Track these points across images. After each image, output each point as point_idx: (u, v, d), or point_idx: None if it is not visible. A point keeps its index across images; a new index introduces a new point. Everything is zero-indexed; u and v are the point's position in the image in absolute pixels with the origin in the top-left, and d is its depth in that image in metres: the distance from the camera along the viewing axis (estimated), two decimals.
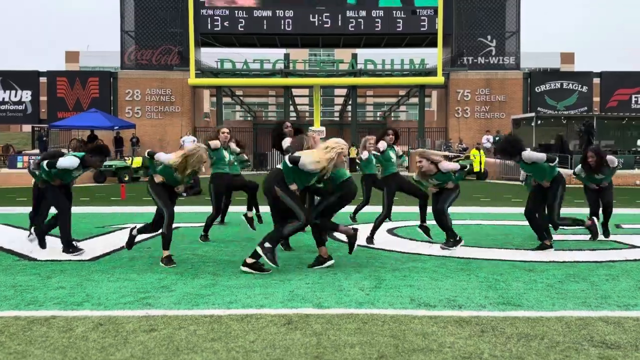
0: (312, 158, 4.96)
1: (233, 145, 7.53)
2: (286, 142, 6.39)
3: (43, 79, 29.84)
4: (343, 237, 7.10)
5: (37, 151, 24.79)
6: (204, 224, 8.44)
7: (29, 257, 5.86)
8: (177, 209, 10.58)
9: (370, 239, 6.79)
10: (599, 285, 4.56)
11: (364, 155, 7.47)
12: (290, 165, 5.00)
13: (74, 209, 10.79)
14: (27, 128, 36.27)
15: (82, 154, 6.03)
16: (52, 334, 3.29)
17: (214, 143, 7.08)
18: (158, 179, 5.60)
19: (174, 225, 8.36)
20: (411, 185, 7.01)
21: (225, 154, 7.18)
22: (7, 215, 10.03)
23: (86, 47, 52.51)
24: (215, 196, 7.17)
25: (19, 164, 21.37)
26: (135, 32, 29.70)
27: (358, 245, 6.57)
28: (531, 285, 4.57)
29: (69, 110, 28.86)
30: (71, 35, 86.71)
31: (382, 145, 7.11)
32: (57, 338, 3.21)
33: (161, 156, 5.53)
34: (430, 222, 6.73)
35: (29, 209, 10.73)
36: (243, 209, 8.33)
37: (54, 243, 6.85)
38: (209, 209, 8.62)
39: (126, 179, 19.52)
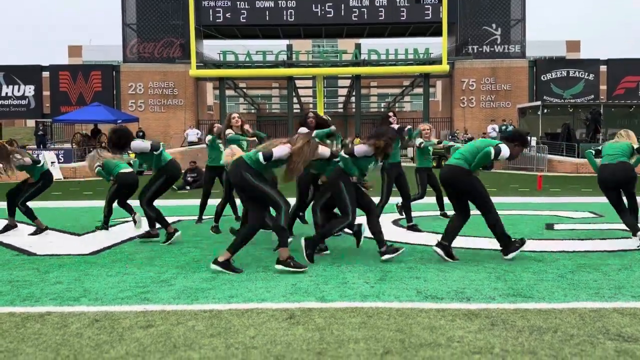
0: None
1: (247, 127, 7.28)
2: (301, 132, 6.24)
3: (46, 74, 29.78)
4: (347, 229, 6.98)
5: (34, 146, 24.71)
6: (205, 217, 8.33)
7: (28, 251, 5.76)
8: (179, 202, 10.50)
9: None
10: (612, 275, 4.41)
11: (419, 142, 7.80)
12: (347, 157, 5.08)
13: (76, 203, 10.72)
14: (31, 123, 36.28)
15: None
16: (46, 330, 3.18)
17: (229, 132, 6.91)
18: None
19: (176, 218, 8.29)
20: (404, 181, 7.01)
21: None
22: None
23: (89, 41, 52.41)
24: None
25: None
26: (137, 25, 29.55)
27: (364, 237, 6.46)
28: (541, 275, 4.42)
29: (72, 104, 28.81)
30: (74, 29, 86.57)
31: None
32: (51, 335, 3.09)
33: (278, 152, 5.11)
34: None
35: (32, 203, 10.64)
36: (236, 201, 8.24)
37: (53, 237, 6.76)
38: (212, 201, 8.50)
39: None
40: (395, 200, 7.54)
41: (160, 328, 3.19)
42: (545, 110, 24.78)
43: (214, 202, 7.80)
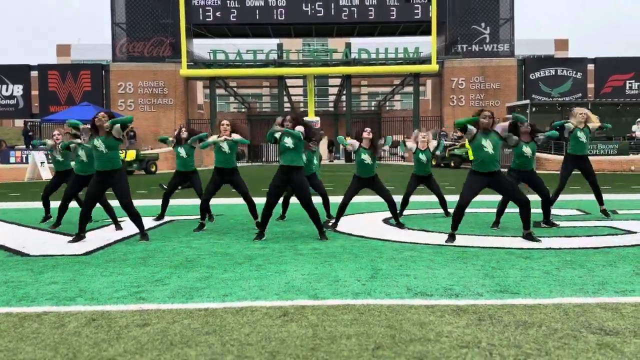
0: None
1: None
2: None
3: (34, 73, 29.62)
4: (338, 227, 7.07)
5: (23, 146, 24.55)
6: (196, 217, 8.40)
7: (21, 252, 5.79)
8: (170, 202, 10.52)
9: (334, 224, 7.15)
10: (596, 272, 4.54)
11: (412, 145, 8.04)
12: None
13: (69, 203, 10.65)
14: (19, 123, 36.02)
15: None
16: (44, 330, 3.23)
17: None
18: None
19: (168, 218, 8.33)
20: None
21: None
22: None
23: (77, 40, 52.07)
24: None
25: (12, 159, 21.22)
26: (127, 24, 29.45)
27: (354, 235, 6.56)
28: (528, 272, 4.54)
29: (61, 104, 28.69)
30: (62, 28, 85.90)
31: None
32: (49, 334, 3.15)
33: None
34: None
35: (22, 204, 10.63)
36: (230, 200, 8.29)
37: (46, 238, 6.78)
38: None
39: None
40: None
41: (157, 326, 3.26)
42: (534, 109, 25.05)
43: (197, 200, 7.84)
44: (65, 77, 29.17)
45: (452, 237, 6.02)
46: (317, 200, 7.13)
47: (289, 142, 6.28)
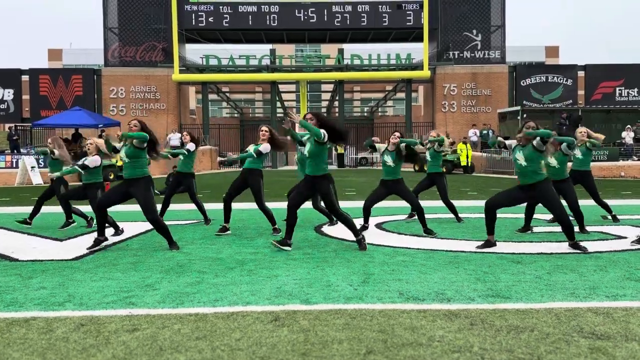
0: None
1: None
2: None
3: (25, 77, 29.45)
4: (330, 232, 7.06)
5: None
6: (189, 221, 8.38)
7: (10, 257, 5.73)
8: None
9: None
10: (587, 276, 4.55)
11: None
12: None
13: (58, 208, 10.61)
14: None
15: None
16: (32, 335, 3.19)
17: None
18: None
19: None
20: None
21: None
22: None
23: (69, 45, 51.89)
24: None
25: (1, 164, 21.05)
26: (119, 28, 29.38)
27: (347, 240, 6.54)
28: (520, 277, 4.54)
29: (52, 108, 28.52)
30: (54, 32, 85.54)
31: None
32: (37, 340, 3.11)
33: None
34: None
35: (11, 208, 10.52)
36: (221, 206, 8.21)
37: (36, 243, 6.72)
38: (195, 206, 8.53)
39: (111, 177, 19.30)
40: (383, 203, 7.62)
41: (146, 331, 3.23)
42: (525, 115, 25.22)
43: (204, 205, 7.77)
44: (56, 82, 29.01)
45: (487, 243, 5.98)
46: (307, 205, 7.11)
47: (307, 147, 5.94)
